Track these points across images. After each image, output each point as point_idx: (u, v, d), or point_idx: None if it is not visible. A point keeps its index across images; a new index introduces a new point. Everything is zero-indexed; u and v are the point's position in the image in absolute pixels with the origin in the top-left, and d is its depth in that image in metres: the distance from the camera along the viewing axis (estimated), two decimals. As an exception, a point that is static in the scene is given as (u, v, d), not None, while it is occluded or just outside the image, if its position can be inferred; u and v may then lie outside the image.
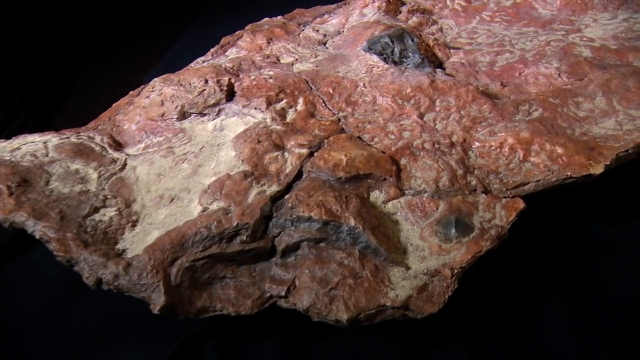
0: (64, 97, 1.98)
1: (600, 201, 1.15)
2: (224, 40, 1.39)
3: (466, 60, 1.27)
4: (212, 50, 1.36)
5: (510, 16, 1.48)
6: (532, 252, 1.06)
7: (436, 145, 1.01)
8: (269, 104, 1.07)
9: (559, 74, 1.18)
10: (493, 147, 1.02)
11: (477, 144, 1.03)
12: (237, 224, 0.86)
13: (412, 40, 1.23)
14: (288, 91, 1.11)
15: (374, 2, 1.42)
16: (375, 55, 1.17)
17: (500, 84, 1.18)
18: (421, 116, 1.07)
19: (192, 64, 1.35)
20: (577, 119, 1.07)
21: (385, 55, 1.17)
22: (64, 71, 2.07)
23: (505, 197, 0.94)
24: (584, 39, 1.32)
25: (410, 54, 1.20)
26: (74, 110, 1.92)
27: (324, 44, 1.33)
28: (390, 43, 1.20)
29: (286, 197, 0.91)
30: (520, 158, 1.01)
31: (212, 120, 1.10)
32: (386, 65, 1.16)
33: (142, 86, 1.23)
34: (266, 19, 1.47)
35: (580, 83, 1.16)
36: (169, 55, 1.98)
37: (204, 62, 1.34)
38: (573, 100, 1.11)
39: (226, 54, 1.32)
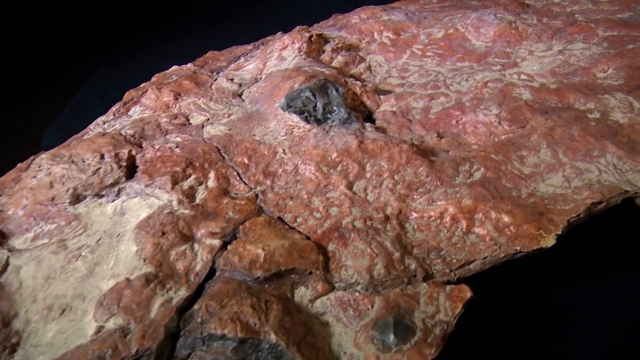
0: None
1: (545, 260, 1.05)
2: (127, 96, 1.25)
3: (398, 107, 1.17)
4: (114, 108, 1.22)
5: (443, 49, 1.39)
6: (481, 330, 0.96)
7: (368, 222, 0.90)
8: (175, 182, 0.94)
9: (499, 122, 1.09)
10: (432, 218, 0.92)
11: (414, 214, 0.93)
12: (137, 350, 0.73)
13: (337, 90, 1.11)
14: (197, 164, 0.98)
15: (293, 43, 1.30)
16: (295, 115, 1.05)
17: (437, 135, 1.08)
18: (350, 186, 0.95)
19: (91, 125, 1.21)
20: (522, 177, 0.98)
21: (306, 114, 1.06)
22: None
23: (449, 284, 0.84)
24: (522, 76, 1.24)
25: (335, 107, 1.08)
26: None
27: (240, 95, 1.21)
28: (311, 97, 1.08)
29: (195, 307, 0.78)
30: (464, 229, 0.91)
31: (112, 201, 0.97)
32: (308, 126, 1.04)
33: (32, 157, 1.08)
34: (175, 67, 1.34)
35: (522, 131, 1.07)
36: (78, 98, 1.82)
37: (104, 122, 1.19)
38: (517, 155, 1.02)
39: (129, 113, 1.18)
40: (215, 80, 1.25)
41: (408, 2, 1.77)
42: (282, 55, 1.30)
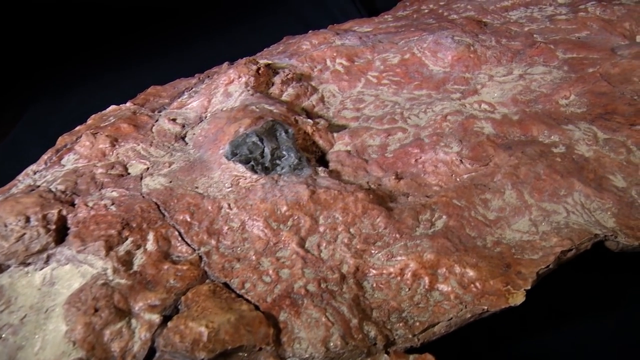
0: None
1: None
2: (60, 142, 1.16)
3: (353, 146, 1.11)
4: (46, 156, 1.13)
5: (400, 76, 1.34)
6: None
7: (323, 285, 0.84)
8: (110, 248, 0.87)
9: (460, 160, 1.04)
10: (392, 275, 0.87)
11: (373, 271, 0.87)
12: None
13: (286, 132, 1.05)
14: (134, 225, 0.90)
15: (240, 77, 1.23)
16: (240, 164, 0.98)
17: (395, 177, 1.03)
18: (302, 243, 0.89)
19: (20, 176, 1.12)
20: (487, 224, 0.93)
21: (253, 162, 0.99)
22: None
23: (412, 351, 0.78)
24: (483, 105, 1.19)
25: (284, 152, 1.02)
26: None
27: (183, 137, 1.13)
28: (258, 143, 1.01)
29: (130, 402, 0.70)
30: (426, 286, 0.85)
31: (40, 269, 0.89)
32: (255, 176, 0.97)
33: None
34: (112, 106, 1.25)
35: (485, 170, 1.02)
36: (13, 134, 1.71)
37: (35, 172, 1.11)
38: (480, 199, 0.97)
39: (62, 162, 1.10)
40: (157, 121, 1.18)
41: (362, 21, 1.71)
42: (228, 90, 1.23)
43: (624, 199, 0.98)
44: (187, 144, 1.12)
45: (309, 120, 1.14)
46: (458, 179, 1.03)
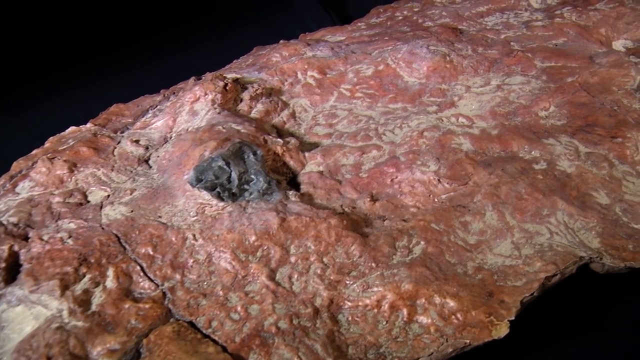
0: None
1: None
2: (15, 167, 1.11)
3: (326, 166, 1.07)
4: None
5: (373, 89, 1.30)
6: None
7: (295, 321, 0.79)
8: (65, 287, 0.82)
9: (438, 180, 1.00)
10: (369, 307, 0.83)
11: (348, 304, 0.83)
12: None
13: (255, 154, 1.00)
14: (93, 260, 0.85)
15: (206, 94, 1.18)
16: (205, 191, 0.93)
17: (370, 198, 0.99)
18: (272, 275, 0.85)
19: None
20: (467, 249, 0.90)
21: (219, 188, 0.94)
22: None
23: (392, 393, 0.74)
24: (461, 119, 1.16)
25: (252, 176, 0.97)
26: None
27: (147, 160, 1.08)
28: (225, 167, 0.97)
29: None
30: (405, 319, 0.81)
31: (-11, 312, 0.83)
32: (221, 204, 0.93)
33: None
34: (72, 128, 1.20)
35: (464, 189, 0.99)
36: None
37: (-11, 201, 1.04)
38: (460, 222, 0.93)
39: (17, 189, 1.04)
40: (119, 142, 1.12)
41: (334, 30, 1.67)
42: (194, 108, 1.18)
43: (608, 216, 0.95)
44: (150, 167, 1.07)
45: (278, 140, 1.09)
46: (436, 200, 0.99)
